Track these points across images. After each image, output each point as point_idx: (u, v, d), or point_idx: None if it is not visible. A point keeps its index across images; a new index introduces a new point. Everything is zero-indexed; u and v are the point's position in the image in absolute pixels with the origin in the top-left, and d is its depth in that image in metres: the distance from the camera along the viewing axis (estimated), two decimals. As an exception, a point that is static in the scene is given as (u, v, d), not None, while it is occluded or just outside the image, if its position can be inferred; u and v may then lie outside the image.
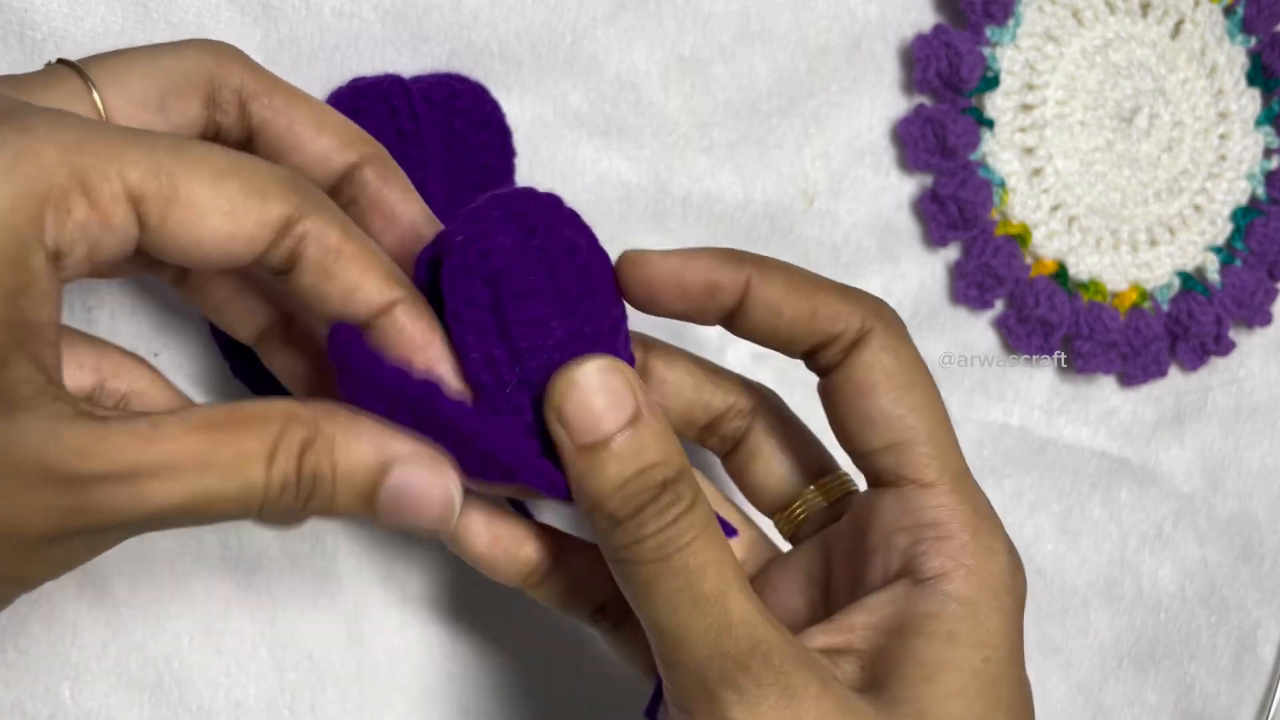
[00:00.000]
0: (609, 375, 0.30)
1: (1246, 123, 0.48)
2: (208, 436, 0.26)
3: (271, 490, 0.27)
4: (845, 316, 0.33)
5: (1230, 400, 0.49)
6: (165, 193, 0.27)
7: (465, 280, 0.30)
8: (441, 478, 0.29)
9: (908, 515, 0.32)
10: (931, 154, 0.46)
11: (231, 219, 0.27)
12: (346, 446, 0.28)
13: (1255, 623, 0.49)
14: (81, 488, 0.25)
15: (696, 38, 0.44)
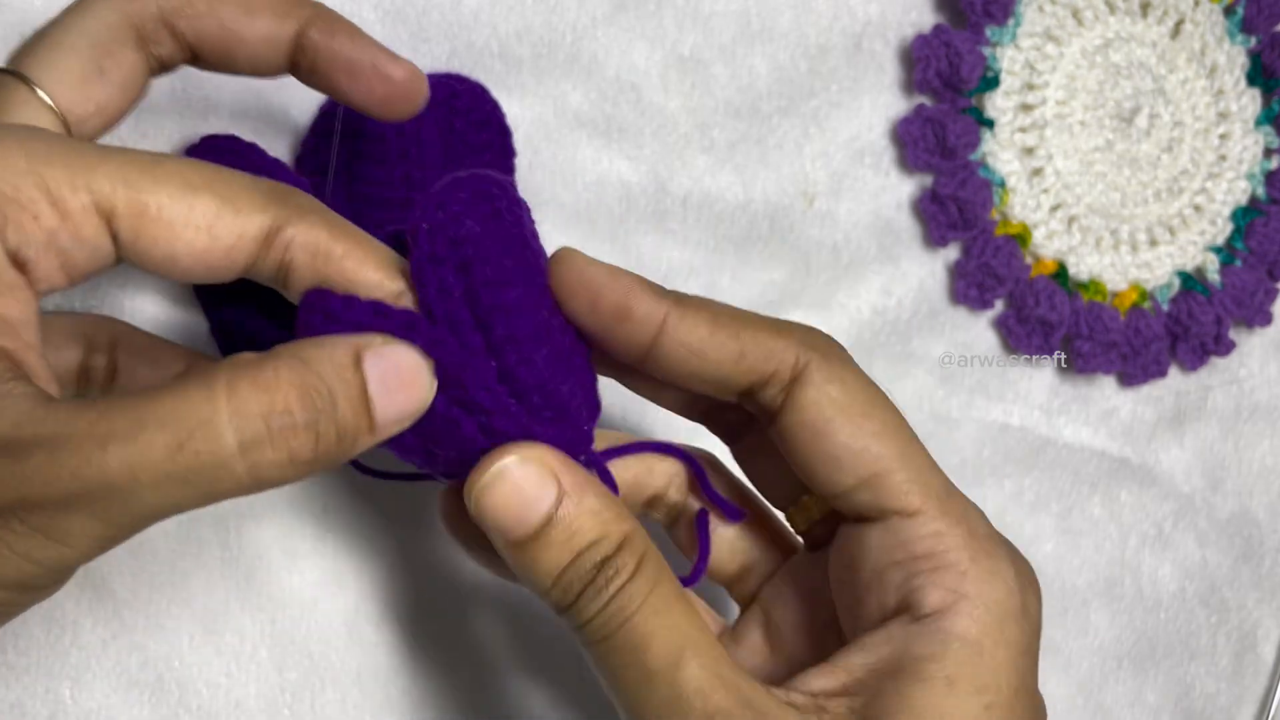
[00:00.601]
0: (521, 468, 0.29)
1: (1246, 123, 0.48)
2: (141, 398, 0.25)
3: (248, 425, 0.26)
4: (778, 352, 0.31)
5: (1230, 400, 0.49)
6: (135, 207, 0.27)
7: (435, 269, 0.29)
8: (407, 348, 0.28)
9: (898, 549, 0.30)
10: (931, 154, 0.46)
11: (206, 234, 0.27)
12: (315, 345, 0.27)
13: (1255, 623, 0.49)
14: (15, 454, 0.24)
15: (697, 38, 0.44)
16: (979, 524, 0.31)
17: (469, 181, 0.30)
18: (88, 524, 0.25)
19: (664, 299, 0.31)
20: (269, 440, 0.26)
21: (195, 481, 0.25)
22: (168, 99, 0.41)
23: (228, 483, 0.26)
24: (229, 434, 0.25)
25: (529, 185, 0.44)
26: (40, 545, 0.25)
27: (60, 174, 0.26)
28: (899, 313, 0.46)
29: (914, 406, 0.47)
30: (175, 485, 0.25)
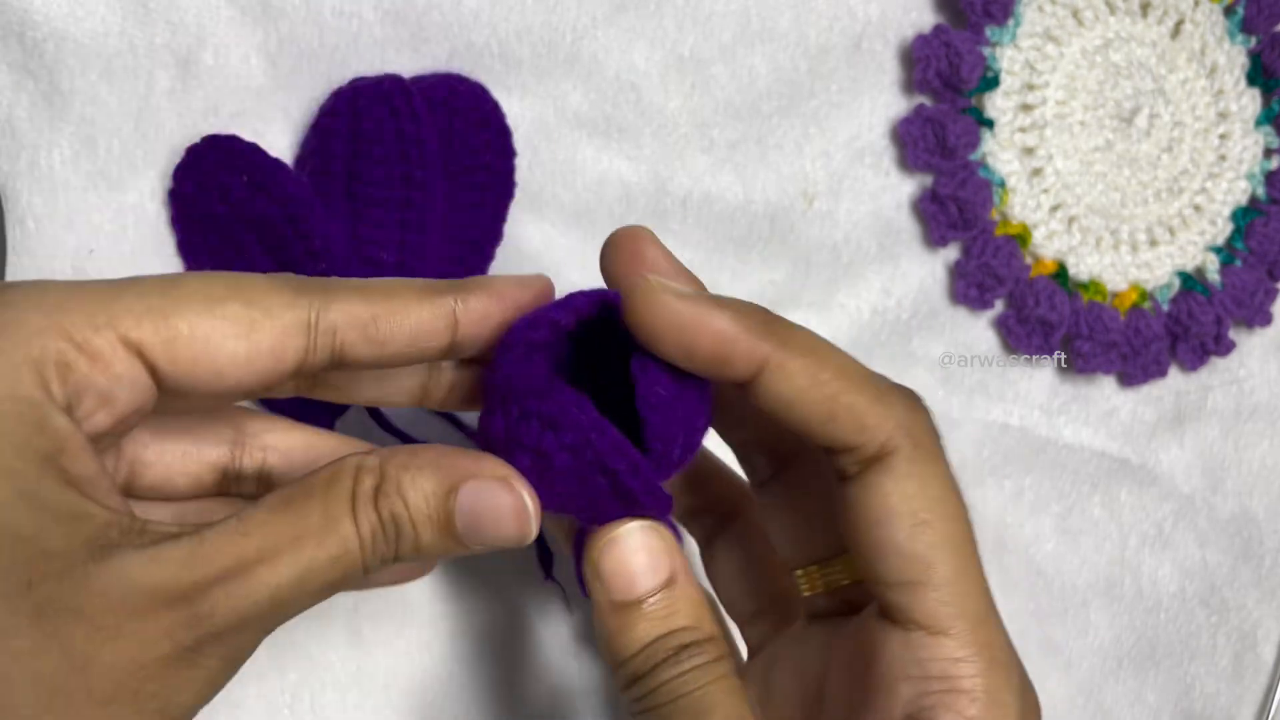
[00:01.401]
0: (649, 536, 0.30)
1: (1246, 123, 0.48)
2: (290, 511, 0.27)
3: (365, 541, 0.27)
4: (870, 430, 0.30)
5: (1230, 400, 0.49)
6: (164, 333, 0.27)
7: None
8: (510, 488, 0.29)
9: (915, 664, 0.30)
10: (931, 154, 0.45)
11: (244, 340, 0.28)
12: (412, 480, 0.28)
13: (1255, 623, 0.49)
14: (194, 598, 0.26)
15: (697, 38, 0.44)
16: (1001, 653, 0.30)
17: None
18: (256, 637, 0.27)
19: (766, 339, 0.30)
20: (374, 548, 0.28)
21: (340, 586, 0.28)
22: (168, 99, 0.41)
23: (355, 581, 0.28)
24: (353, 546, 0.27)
25: (529, 185, 0.44)
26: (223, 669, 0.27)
27: (78, 318, 0.26)
28: (899, 313, 0.46)
29: (914, 406, 0.47)
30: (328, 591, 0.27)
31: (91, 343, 0.26)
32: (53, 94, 0.41)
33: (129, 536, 0.26)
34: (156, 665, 0.26)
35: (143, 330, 0.27)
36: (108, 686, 0.25)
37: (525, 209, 0.44)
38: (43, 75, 0.41)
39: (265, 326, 0.28)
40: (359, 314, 0.29)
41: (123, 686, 0.25)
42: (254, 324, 0.28)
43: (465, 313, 0.30)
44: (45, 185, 0.41)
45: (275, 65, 0.42)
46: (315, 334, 0.29)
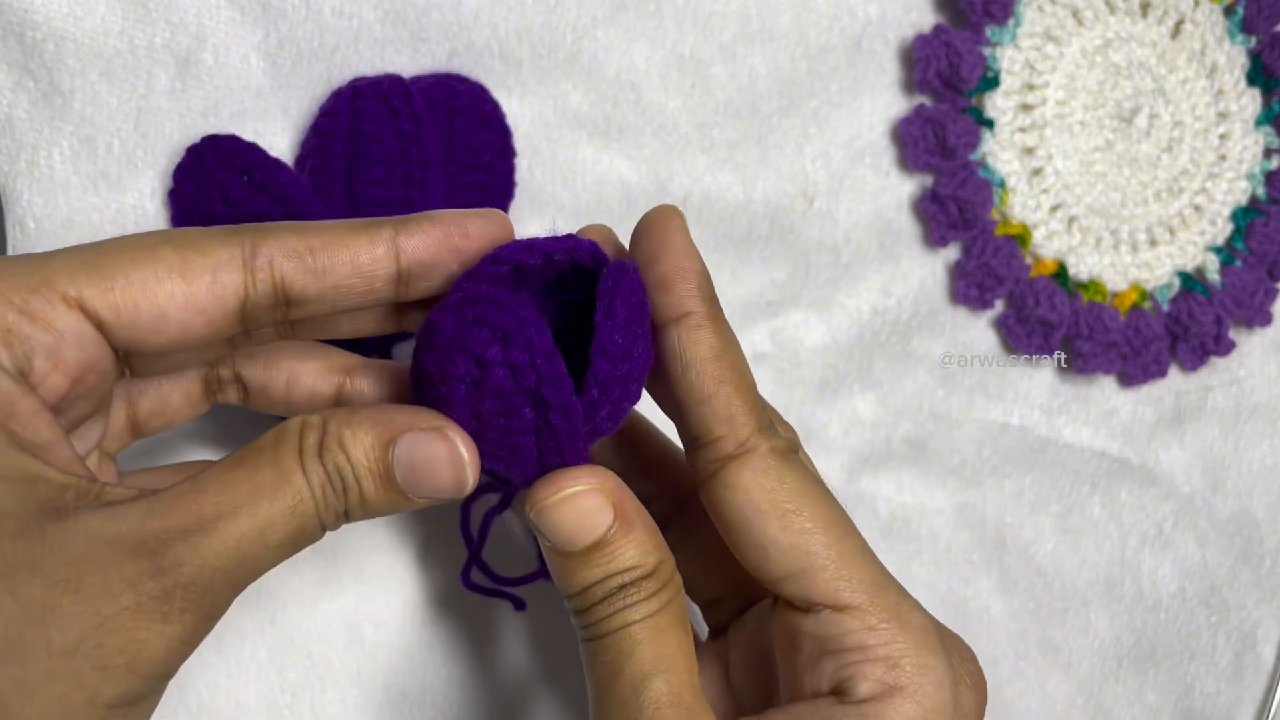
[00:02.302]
0: (591, 498, 0.30)
1: (1246, 123, 0.48)
2: (243, 468, 0.28)
3: (316, 493, 0.28)
4: (736, 423, 0.31)
5: (1230, 400, 0.49)
6: (100, 284, 0.27)
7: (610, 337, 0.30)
8: (444, 438, 0.29)
9: (830, 640, 0.31)
10: (931, 154, 0.45)
11: (180, 279, 0.28)
12: (353, 435, 0.28)
13: (1255, 623, 0.49)
14: (157, 549, 0.26)
15: (697, 38, 0.44)
16: (913, 615, 0.31)
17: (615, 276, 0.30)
18: (227, 593, 0.28)
19: (704, 302, 0.32)
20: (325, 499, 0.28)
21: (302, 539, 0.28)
22: (168, 99, 0.41)
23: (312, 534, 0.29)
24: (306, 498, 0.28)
25: (529, 185, 0.44)
26: (194, 624, 0.27)
27: (15, 282, 0.27)
28: (899, 313, 0.46)
29: (914, 406, 0.47)
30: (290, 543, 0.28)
31: (30, 303, 0.27)
32: (53, 94, 0.41)
33: (86, 499, 0.26)
34: (121, 617, 0.26)
35: (79, 284, 0.27)
36: (69, 639, 0.25)
37: (525, 209, 0.44)
38: (43, 75, 0.41)
39: (199, 264, 0.28)
40: (294, 245, 0.29)
41: (85, 639, 0.25)
42: (187, 262, 0.28)
43: (407, 240, 0.30)
44: (45, 185, 0.41)
45: (275, 65, 0.42)
46: (252, 268, 0.29)
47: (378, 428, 0.29)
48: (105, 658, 0.26)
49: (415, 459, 0.29)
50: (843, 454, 0.46)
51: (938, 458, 0.47)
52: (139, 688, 0.27)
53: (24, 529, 0.26)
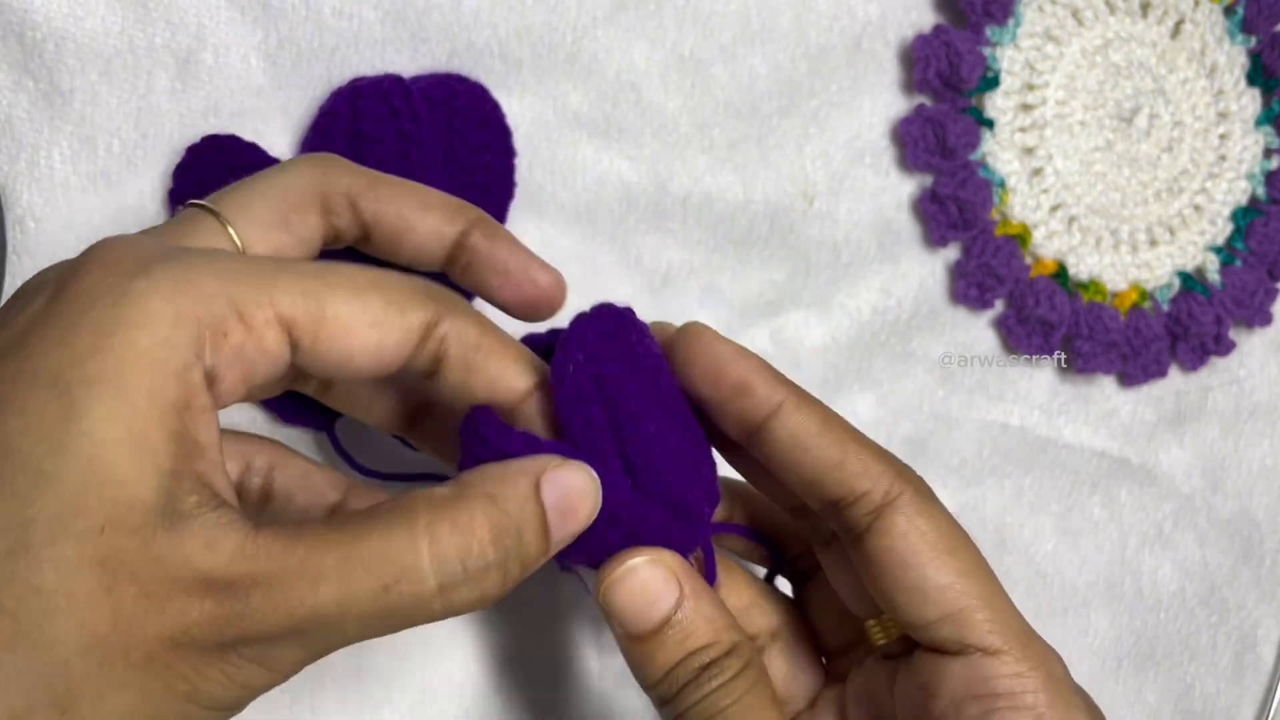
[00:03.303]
0: (653, 569, 0.31)
1: (1246, 123, 0.48)
2: (346, 532, 0.27)
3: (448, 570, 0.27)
4: (875, 475, 0.32)
5: (1230, 400, 0.49)
6: (314, 313, 0.28)
7: (580, 407, 0.31)
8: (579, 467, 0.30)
9: (978, 684, 0.31)
10: (931, 154, 0.46)
11: (377, 331, 0.29)
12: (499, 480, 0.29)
13: (1255, 623, 0.49)
14: (236, 593, 0.26)
15: (697, 38, 0.44)
16: (1057, 668, 0.32)
17: (599, 319, 0.32)
18: (296, 654, 0.27)
19: (784, 386, 0.33)
20: (465, 581, 0.28)
21: (396, 617, 0.27)
22: (168, 99, 0.41)
23: (424, 618, 0.28)
24: (431, 578, 0.27)
25: (529, 185, 0.44)
26: (255, 674, 0.27)
27: (247, 291, 0.28)
28: (899, 313, 0.46)
29: (914, 406, 0.47)
30: (378, 620, 0.27)
31: (253, 315, 0.28)
32: (52, 94, 0.41)
33: (202, 511, 0.26)
34: (192, 649, 0.26)
35: (297, 309, 0.28)
36: (144, 652, 0.26)
37: (525, 209, 0.44)
38: (42, 75, 0.41)
39: (396, 322, 0.29)
40: (470, 338, 0.31)
41: (156, 658, 0.26)
42: (388, 317, 0.29)
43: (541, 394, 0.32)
44: (45, 185, 0.41)
45: (275, 65, 0.42)
46: (429, 338, 0.30)
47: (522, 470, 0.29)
48: (171, 680, 0.26)
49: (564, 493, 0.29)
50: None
51: (938, 457, 0.47)
52: (195, 717, 0.27)
53: (142, 527, 0.26)
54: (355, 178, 0.34)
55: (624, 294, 0.44)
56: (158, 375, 0.26)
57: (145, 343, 0.26)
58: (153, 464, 0.26)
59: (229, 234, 0.32)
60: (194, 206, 0.32)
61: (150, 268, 0.27)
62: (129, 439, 0.26)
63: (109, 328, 0.26)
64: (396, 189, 0.34)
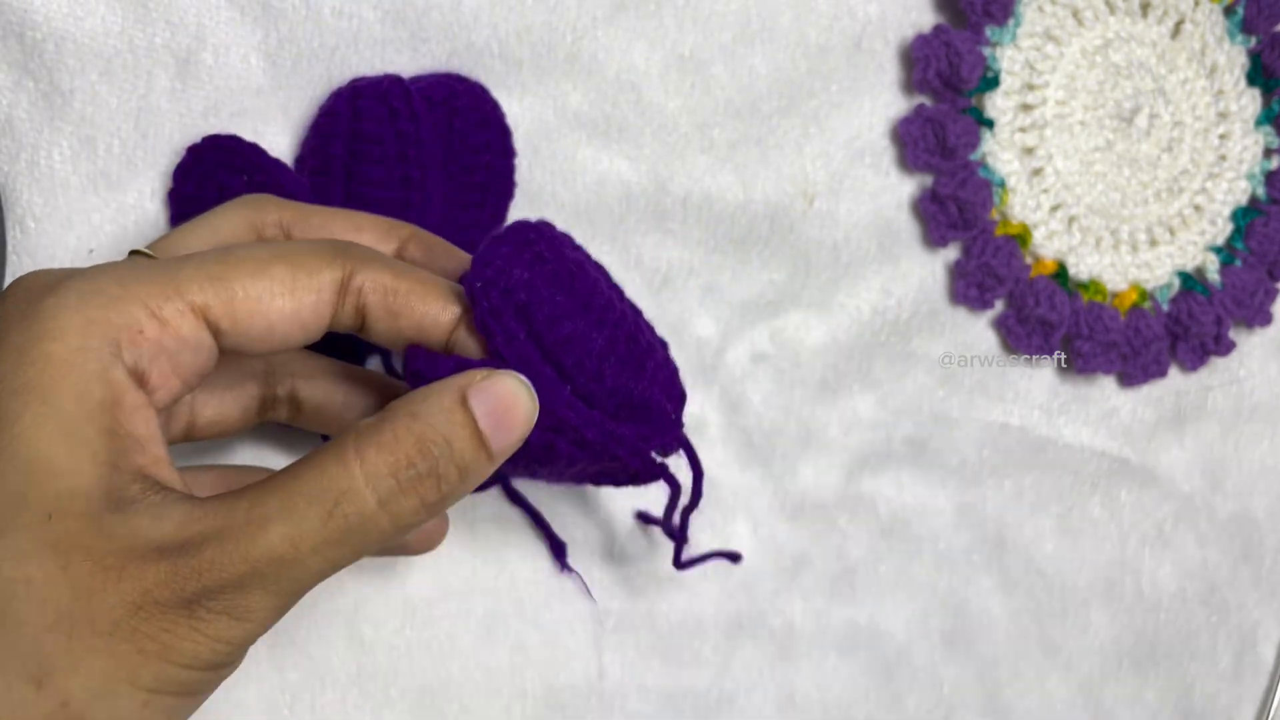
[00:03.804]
0: None
1: (1246, 123, 0.48)
2: (284, 476, 0.29)
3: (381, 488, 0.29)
4: None
5: (1230, 400, 0.49)
6: (224, 295, 0.30)
7: (496, 320, 0.32)
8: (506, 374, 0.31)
9: None
10: (931, 154, 0.46)
11: (291, 298, 0.31)
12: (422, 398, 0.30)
13: (1255, 623, 0.50)
14: (189, 550, 0.28)
15: (697, 38, 0.44)
16: None
17: (508, 235, 0.33)
18: (264, 598, 0.29)
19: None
20: (401, 492, 0.29)
21: (348, 540, 0.29)
22: (168, 99, 0.41)
23: (375, 534, 0.29)
24: (368, 495, 0.29)
25: (529, 185, 0.44)
26: (228, 625, 0.29)
27: (153, 289, 0.29)
28: (899, 313, 0.46)
29: (914, 407, 0.47)
30: (332, 548, 0.29)
31: (163, 310, 0.29)
32: (52, 94, 0.41)
33: (146, 494, 0.28)
34: (155, 609, 0.28)
35: (206, 295, 0.30)
36: (109, 620, 0.27)
37: (525, 209, 0.44)
38: (42, 75, 0.41)
39: (306, 283, 0.31)
40: (385, 282, 0.32)
41: (122, 623, 0.27)
42: (296, 281, 0.31)
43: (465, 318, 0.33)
44: (45, 185, 0.41)
45: (275, 65, 0.42)
46: (346, 293, 0.32)
47: (448, 383, 0.31)
48: (141, 643, 0.28)
49: (496, 402, 0.31)
50: (843, 454, 0.46)
51: (938, 458, 0.47)
52: (177, 676, 0.28)
53: (87, 512, 0.28)
54: (286, 210, 0.35)
55: (624, 294, 0.44)
56: (78, 378, 0.28)
57: (61, 352, 0.28)
58: (89, 456, 0.28)
59: None
60: (137, 254, 0.34)
61: (57, 286, 0.29)
62: (62, 437, 0.28)
63: (26, 344, 0.28)
64: (328, 216, 0.36)
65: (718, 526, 0.45)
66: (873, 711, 0.46)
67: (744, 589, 0.45)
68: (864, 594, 0.46)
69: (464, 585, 0.43)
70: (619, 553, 0.44)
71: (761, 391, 0.46)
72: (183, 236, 0.34)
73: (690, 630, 0.45)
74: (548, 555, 0.44)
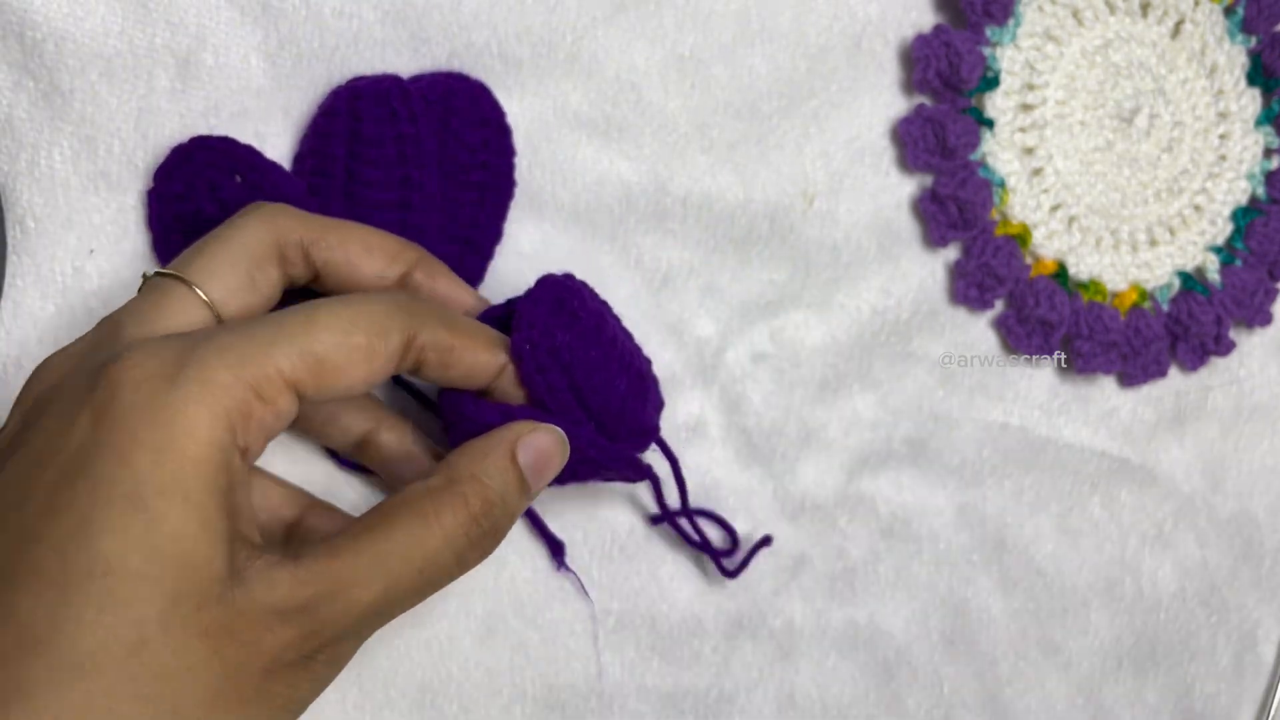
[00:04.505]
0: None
1: (1246, 123, 0.48)
2: (374, 535, 0.33)
3: (459, 543, 0.34)
4: None
5: (1230, 400, 0.49)
6: (313, 366, 0.33)
7: (542, 376, 0.37)
8: (548, 430, 0.36)
9: None
10: (931, 154, 0.46)
11: (367, 365, 0.34)
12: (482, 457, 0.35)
13: (1255, 623, 0.50)
14: (306, 614, 0.31)
15: (696, 38, 0.44)
16: None
17: (543, 294, 0.38)
18: (356, 643, 0.34)
19: None
20: (470, 547, 0.34)
21: (426, 590, 0.34)
22: (169, 99, 0.41)
23: (447, 581, 0.34)
24: (448, 554, 0.33)
25: (529, 185, 0.44)
26: (329, 671, 0.33)
27: (254, 370, 0.32)
28: (899, 313, 0.46)
29: (914, 406, 0.47)
30: (414, 597, 0.34)
31: (264, 390, 0.32)
32: (53, 94, 0.41)
33: (252, 562, 0.31)
34: (284, 669, 0.31)
35: (298, 370, 0.32)
36: (250, 689, 0.31)
37: (525, 209, 0.44)
38: (43, 75, 0.41)
39: (382, 350, 0.34)
40: (442, 341, 0.36)
41: (260, 689, 0.31)
42: (374, 349, 0.34)
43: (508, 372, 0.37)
44: (45, 185, 0.41)
45: (275, 66, 0.42)
46: (409, 350, 0.35)
47: (498, 439, 0.35)
48: (270, 700, 0.31)
49: (539, 455, 0.36)
50: (843, 454, 0.46)
51: (938, 458, 0.47)
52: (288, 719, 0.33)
53: (224, 593, 0.30)
54: (306, 228, 0.37)
55: (624, 293, 0.44)
56: (211, 472, 0.31)
57: (195, 450, 0.30)
58: (220, 541, 0.31)
59: (203, 300, 0.35)
60: (163, 275, 0.36)
61: (176, 378, 0.31)
62: (203, 531, 0.30)
63: (162, 444, 0.30)
64: (344, 234, 0.38)
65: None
66: (873, 711, 0.47)
67: (744, 589, 0.45)
68: (864, 594, 0.46)
69: (463, 585, 0.43)
70: (619, 553, 0.44)
71: (761, 391, 0.46)
72: (213, 258, 0.36)
73: (690, 630, 0.45)
74: (547, 555, 0.44)
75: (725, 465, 0.45)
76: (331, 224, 0.38)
